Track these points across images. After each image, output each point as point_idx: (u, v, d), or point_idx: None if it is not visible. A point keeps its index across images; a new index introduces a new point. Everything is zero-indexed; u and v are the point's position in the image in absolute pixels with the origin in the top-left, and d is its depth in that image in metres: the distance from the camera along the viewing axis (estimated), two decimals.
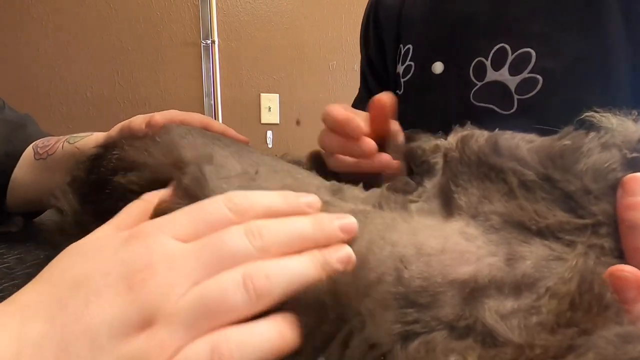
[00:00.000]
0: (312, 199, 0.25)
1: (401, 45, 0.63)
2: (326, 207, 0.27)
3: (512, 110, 0.48)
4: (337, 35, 1.98)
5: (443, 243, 0.23)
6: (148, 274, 0.20)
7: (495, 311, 0.20)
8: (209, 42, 1.80)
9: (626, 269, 0.19)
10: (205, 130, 0.40)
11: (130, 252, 0.21)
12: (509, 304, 0.20)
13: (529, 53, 0.48)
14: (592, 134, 0.25)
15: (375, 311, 0.21)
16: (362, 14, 0.72)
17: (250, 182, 0.29)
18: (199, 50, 1.81)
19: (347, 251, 0.23)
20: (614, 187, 0.22)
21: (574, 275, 0.20)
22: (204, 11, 1.79)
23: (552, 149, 0.25)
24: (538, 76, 0.47)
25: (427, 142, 0.37)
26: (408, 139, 0.39)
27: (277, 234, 0.22)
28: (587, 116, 0.26)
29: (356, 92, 0.77)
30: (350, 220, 0.24)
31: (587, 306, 0.19)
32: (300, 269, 0.21)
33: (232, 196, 0.23)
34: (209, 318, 0.19)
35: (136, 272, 0.20)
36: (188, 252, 0.21)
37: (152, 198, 0.26)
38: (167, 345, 0.18)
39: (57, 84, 1.67)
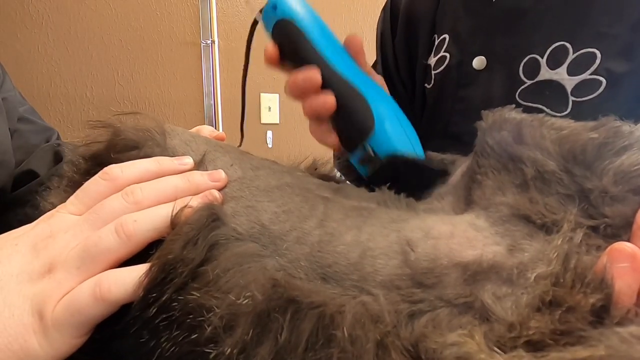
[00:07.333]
0: (185, 158, 0.30)
1: (435, 35, 0.58)
2: (326, 202, 0.27)
3: (564, 112, 0.45)
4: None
5: (452, 229, 0.24)
6: (50, 240, 0.25)
7: (492, 293, 0.21)
8: (209, 42, 1.80)
9: (626, 244, 0.20)
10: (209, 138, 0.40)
11: (36, 229, 0.26)
12: (504, 288, 0.21)
13: (593, 53, 0.44)
14: (633, 129, 0.24)
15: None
16: (362, 14, 0.70)
17: (250, 183, 0.29)
18: (199, 50, 1.81)
19: (211, 191, 0.27)
20: (635, 192, 0.22)
21: (559, 254, 0.20)
22: (204, 11, 1.79)
23: (576, 143, 0.24)
24: (601, 78, 0.44)
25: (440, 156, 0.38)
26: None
27: (148, 190, 0.27)
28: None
29: None
30: (218, 170, 0.29)
31: (570, 284, 0.19)
32: (166, 211, 0.25)
33: (106, 169, 0.28)
34: (93, 259, 0.24)
35: (40, 240, 0.25)
36: (79, 219, 0.26)
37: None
38: (63, 284, 0.23)
39: (57, 84, 1.67)
